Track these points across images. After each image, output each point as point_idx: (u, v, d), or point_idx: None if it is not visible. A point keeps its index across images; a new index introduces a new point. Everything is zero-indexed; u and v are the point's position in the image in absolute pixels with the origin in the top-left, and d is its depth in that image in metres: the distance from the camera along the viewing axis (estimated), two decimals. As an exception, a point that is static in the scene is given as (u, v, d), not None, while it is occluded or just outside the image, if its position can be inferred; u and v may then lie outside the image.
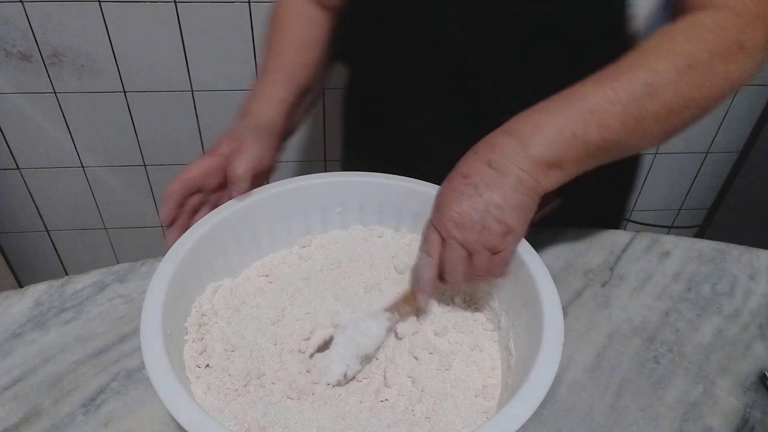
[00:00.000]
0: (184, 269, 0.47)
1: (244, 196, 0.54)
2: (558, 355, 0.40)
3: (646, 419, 0.50)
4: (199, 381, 0.45)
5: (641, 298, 0.61)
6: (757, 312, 0.60)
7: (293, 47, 0.64)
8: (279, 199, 0.56)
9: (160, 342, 0.40)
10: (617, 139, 0.44)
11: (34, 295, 0.58)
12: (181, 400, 0.37)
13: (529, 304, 0.46)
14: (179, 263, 0.47)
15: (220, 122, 1.35)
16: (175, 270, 0.46)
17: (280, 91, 0.61)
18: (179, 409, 0.36)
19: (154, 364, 0.39)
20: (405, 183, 0.57)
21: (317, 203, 0.58)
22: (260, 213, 0.55)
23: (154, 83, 1.26)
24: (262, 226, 0.56)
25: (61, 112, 1.28)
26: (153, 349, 0.40)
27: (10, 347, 0.53)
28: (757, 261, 0.66)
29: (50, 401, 0.49)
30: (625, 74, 0.45)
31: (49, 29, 1.16)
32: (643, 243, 0.68)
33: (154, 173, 1.42)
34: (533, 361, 0.40)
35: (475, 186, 0.44)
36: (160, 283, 0.45)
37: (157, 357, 0.39)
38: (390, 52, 0.63)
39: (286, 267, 0.57)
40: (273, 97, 0.61)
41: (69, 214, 1.47)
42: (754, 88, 1.43)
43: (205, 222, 0.51)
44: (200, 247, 0.50)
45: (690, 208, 1.69)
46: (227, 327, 0.49)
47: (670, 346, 0.56)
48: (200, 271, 0.51)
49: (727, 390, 0.53)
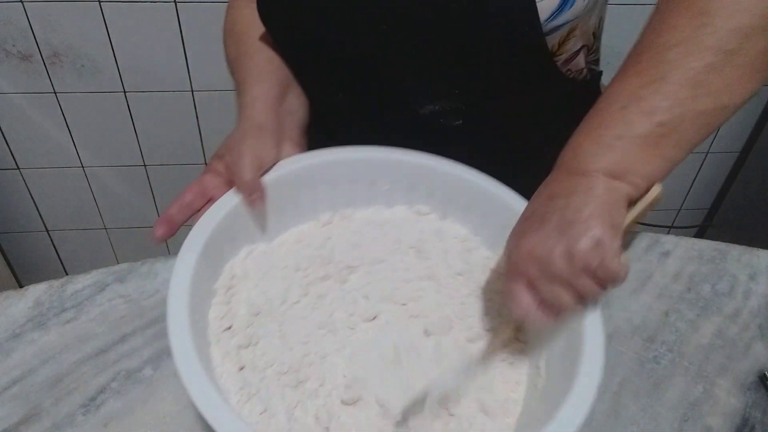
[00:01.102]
0: (221, 230, 0.47)
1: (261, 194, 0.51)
2: (591, 398, 0.37)
3: (646, 419, 0.50)
4: (219, 344, 0.44)
5: (641, 298, 0.61)
6: (757, 312, 0.60)
7: (259, 47, 0.61)
8: (327, 166, 0.54)
9: (186, 306, 0.40)
10: (679, 114, 0.39)
11: (34, 295, 0.58)
12: (198, 377, 0.37)
13: (568, 328, 0.43)
14: (218, 223, 0.47)
15: (220, 122, 1.35)
16: (212, 230, 0.46)
17: (255, 88, 0.57)
18: (194, 388, 0.37)
19: (176, 331, 0.39)
20: (457, 170, 0.55)
21: (366, 176, 0.56)
22: (305, 179, 0.54)
23: (154, 83, 1.26)
24: (307, 192, 0.54)
25: (61, 112, 1.29)
26: (178, 314, 0.40)
27: (10, 347, 0.53)
28: (757, 261, 0.66)
29: (50, 401, 0.49)
30: (646, 52, 0.41)
31: (49, 29, 1.16)
32: (643, 243, 0.68)
33: (154, 173, 1.42)
34: (562, 399, 0.38)
35: (541, 220, 0.40)
36: (194, 244, 0.45)
37: (180, 325, 0.40)
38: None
39: (320, 237, 0.55)
40: (250, 97, 0.57)
41: (69, 214, 1.48)
42: (754, 88, 1.43)
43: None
44: (239, 210, 0.49)
45: (690, 208, 1.69)
46: (254, 289, 0.49)
47: (670, 346, 0.56)
48: (236, 233, 0.50)
49: (727, 390, 0.53)
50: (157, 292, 0.59)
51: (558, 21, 0.53)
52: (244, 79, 0.58)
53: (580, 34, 0.58)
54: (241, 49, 0.62)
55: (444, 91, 0.59)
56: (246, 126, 0.53)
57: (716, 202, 1.65)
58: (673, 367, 0.54)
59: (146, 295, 0.58)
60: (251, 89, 0.56)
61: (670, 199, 1.66)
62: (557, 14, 0.52)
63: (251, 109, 0.54)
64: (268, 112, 0.55)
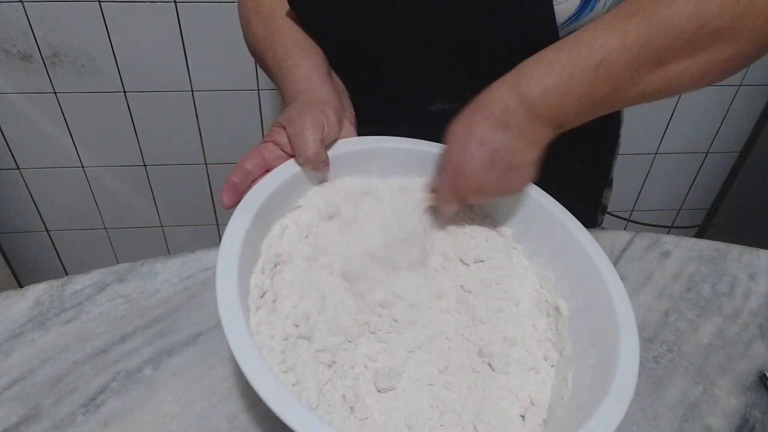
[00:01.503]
0: (274, 198, 0.47)
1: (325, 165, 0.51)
2: (620, 416, 0.38)
3: (646, 419, 0.50)
4: (259, 312, 0.44)
5: (641, 298, 0.61)
6: (757, 312, 0.60)
7: (292, 27, 0.61)
8: (384, 153, 0.55)
9: (235, 271, 0.40)
10: (627, 87, 0.43)
11: (34, 295, 0.58)
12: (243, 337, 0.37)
13: (602, 344, 0.43)
14: (271, 192, 0.47)
15: (220, 122, 1.35)
16: (265, 198, 0.46)
17: (304, 66, 0.58)
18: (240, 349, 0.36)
19: (224, 295, 0.39)
20: None
21: (418, 169, 0.56)
22: (360, 162, 0.54)
23: (154, 83, 1.26)
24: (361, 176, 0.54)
25: (61, 112, 1.29)
26: (227, 278, 0.40)
27: (10, 347, 0.53)
28: (757, 261, 0.66)
29: (50, 401, 0.49)
30: (636, 14, 0.42)
31: (49, 29, 1.16)
32: (643, 243, 0.68)
33: (154, 173, 1.42)
34: (594, 409, 0.38)
35: (480, 143, 0.46)
36: (246, 211, 0.44)
37: (229, 291, 0.39)
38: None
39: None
40: (301, 74, 0.57)
41: (69, 214, 1.48)
42: (754, 89, 1.43)
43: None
44: (296, 179, 0.49)
45: (690, 208, 1.69)
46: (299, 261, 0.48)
47: (670, 346, 0.56)
48: (289, 204, 0.49)
49: (727, 390, 0.53)
50: (157, 292, 0.59)
51: (575, 26, 0.52)
52: (286, 55, 0.58)
53: None
54: (272, 27, 0.61)
55: (455, 92, 0.59)
56: (308, 98, 0.52)
57: (716, 202, 1.65)
58: (673, 367, 0.54)
59: (146, 295, 0.58)
60: (300, 65, 0.56)
61: (671, 199, 1.66)
62: (575, 18, 0.51)
63: (308, 83, 0.55)
64: (327, 87, 0.55)
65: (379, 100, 0.63)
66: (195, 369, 0.51)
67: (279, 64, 0.58)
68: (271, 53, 0.60)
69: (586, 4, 0.51)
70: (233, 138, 1.37)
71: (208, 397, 0.49)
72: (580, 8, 0.51)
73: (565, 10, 0.50)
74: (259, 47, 0.63)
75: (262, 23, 0.63)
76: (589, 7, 0.51)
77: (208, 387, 0.50)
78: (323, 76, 0.56)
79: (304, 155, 0.48)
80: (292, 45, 0.59)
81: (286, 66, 0.57)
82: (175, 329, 0.55)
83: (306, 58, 0.57)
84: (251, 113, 1.34)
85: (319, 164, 0.49)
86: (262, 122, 1.36)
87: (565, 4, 0.50)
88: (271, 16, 0.62)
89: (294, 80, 0.56)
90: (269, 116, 1.36)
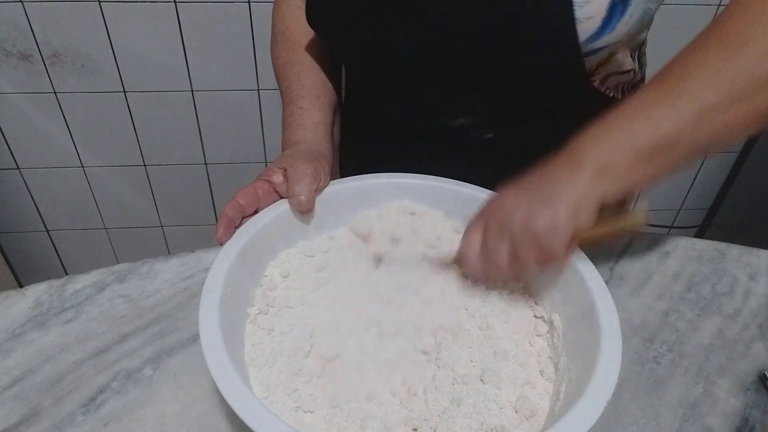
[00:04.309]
0: (260, 237, 0.52)
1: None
2: (594, 417, 0.38)
3: (646, 419, 0.50)
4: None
5: (641, 298, 0.61)
6: (757, 312, 0.60)
7: (312, 66, 0.66)
8: (375, 188, 0.58)
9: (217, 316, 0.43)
10: (676, 140, 0.42)
11: (34, 295, 0.58)
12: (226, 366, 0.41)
13: (587, 353, 0.43)
14: (258, 230, 0.51)
15: (220, 122, 1.35)
16: (251, 236, 0.51)
17: (316, 114, 0.63)
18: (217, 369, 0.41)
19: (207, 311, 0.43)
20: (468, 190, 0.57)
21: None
22: (351, 199, 0.58)
23: (154, 83, 1.26)
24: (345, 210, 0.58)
25: (61, 112, 1.29)
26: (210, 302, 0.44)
27: (10, 347, 0.53)
28: (757, 261, 0.66)
29: (50, 401, 0.49)
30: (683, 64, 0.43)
31: (49, 29, 1.16)
32: (643, 243, 0.68)
33: (154, 173, 1.42)
34: (574, 403, 0.38)
35: (525, 188, 0.45)
36: (230, 251, 0.49)
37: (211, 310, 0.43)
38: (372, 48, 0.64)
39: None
40: (312, 121, 0.62)
41: (69, 214, 1.48)
42: (754, 88, 1.43)
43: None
44: (283, 216, 0.54)
45: (690, 208, 1.69)
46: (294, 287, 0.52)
47: (670, 346, 0.56)
48: (276, 240, 0.54)
49: (727, 390, 0.53)
50: (157, 292, 0.59)
51: (597, 44, 0.52)
52: (301, 94, 0.64)
53: (622, 57, 0.59)
54: (294, 58, 0.66)
55: (477, 107, 0.60)
56: (311, 149, 0.59)
57: (716, 202, 1.65)
58: (673, 367, 0.54)
59: (146, 295, 0.58)
60: (312, 113, 0.63)
61: (670, 199, 1.66)
62: (597, 36, 0.52)
63: (315, 134, 0.62)
64: (329, 143, 0.62)
65: (400, 117, 0.65)
66: (195, 369, 0.51)
67: (293, 100, 0.64)
68: (287, 84, 0.66)
69: (608, 22, 0.51)
70: (233, 138, 1.37)
71: (208, 397, 0.49)
72: (603, 26, 0.51)
73: (588, 28, 0.51)
74: (278, 70, 0.68)
75: (286, 50, 0.68)
76: (611, 26, 0.51)
77: (208, 387, 0.50)
78: (328, 130, 0.63)
79: (298, 198, 0.53)
80: (309, 87, 0.64)
81: (299, 106, 0.63)
82: (175, 329, 0.55)
83: (319, 108, 0.64)
84: (251, 113, 1.34)
85: (308, 209, 0.55)
86: (262, 122, 1.36)
87: (588, 22, 0.50)
88: (295, 45, 0.67)
89: (303, 125, 0.62)
90: (269, 116, 1.36)
